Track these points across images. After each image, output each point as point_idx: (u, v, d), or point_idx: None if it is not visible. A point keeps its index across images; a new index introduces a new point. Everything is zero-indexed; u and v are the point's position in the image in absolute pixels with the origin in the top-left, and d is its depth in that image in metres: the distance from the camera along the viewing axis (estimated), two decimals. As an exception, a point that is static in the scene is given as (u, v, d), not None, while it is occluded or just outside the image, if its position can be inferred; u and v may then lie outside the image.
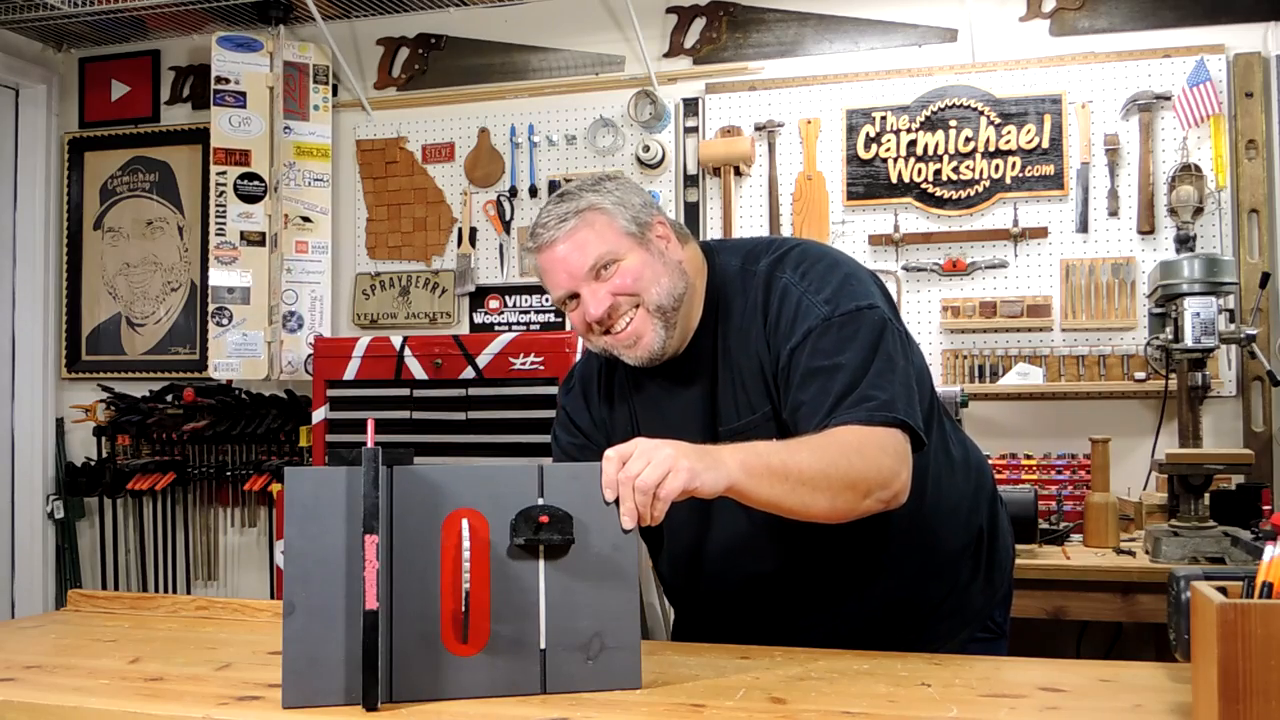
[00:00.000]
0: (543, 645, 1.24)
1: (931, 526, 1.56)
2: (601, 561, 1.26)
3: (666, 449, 1.24)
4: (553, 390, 3.16)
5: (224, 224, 3.93)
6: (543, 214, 1.52)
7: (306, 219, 3.89)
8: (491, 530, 1.25)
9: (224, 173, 3.92)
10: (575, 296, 1.51)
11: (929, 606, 1.60)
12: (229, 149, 3.90)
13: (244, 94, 3.92)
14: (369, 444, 1.22)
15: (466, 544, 1.23)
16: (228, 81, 3.90)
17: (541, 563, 1.25)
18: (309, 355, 3.77)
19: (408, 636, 1.22)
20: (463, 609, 1.22)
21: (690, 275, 1.54)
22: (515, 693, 1.23)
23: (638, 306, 1.50)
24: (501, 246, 3.82)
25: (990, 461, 3.15)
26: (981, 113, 3.38)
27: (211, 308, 3.90)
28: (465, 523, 1.24)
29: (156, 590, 4.05)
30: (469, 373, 3.25)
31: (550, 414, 1.78)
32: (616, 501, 1.25)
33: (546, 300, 3.76)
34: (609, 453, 1.26)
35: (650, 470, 1.22)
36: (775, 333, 1.48)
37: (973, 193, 3.39)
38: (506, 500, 1.26)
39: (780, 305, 1.49)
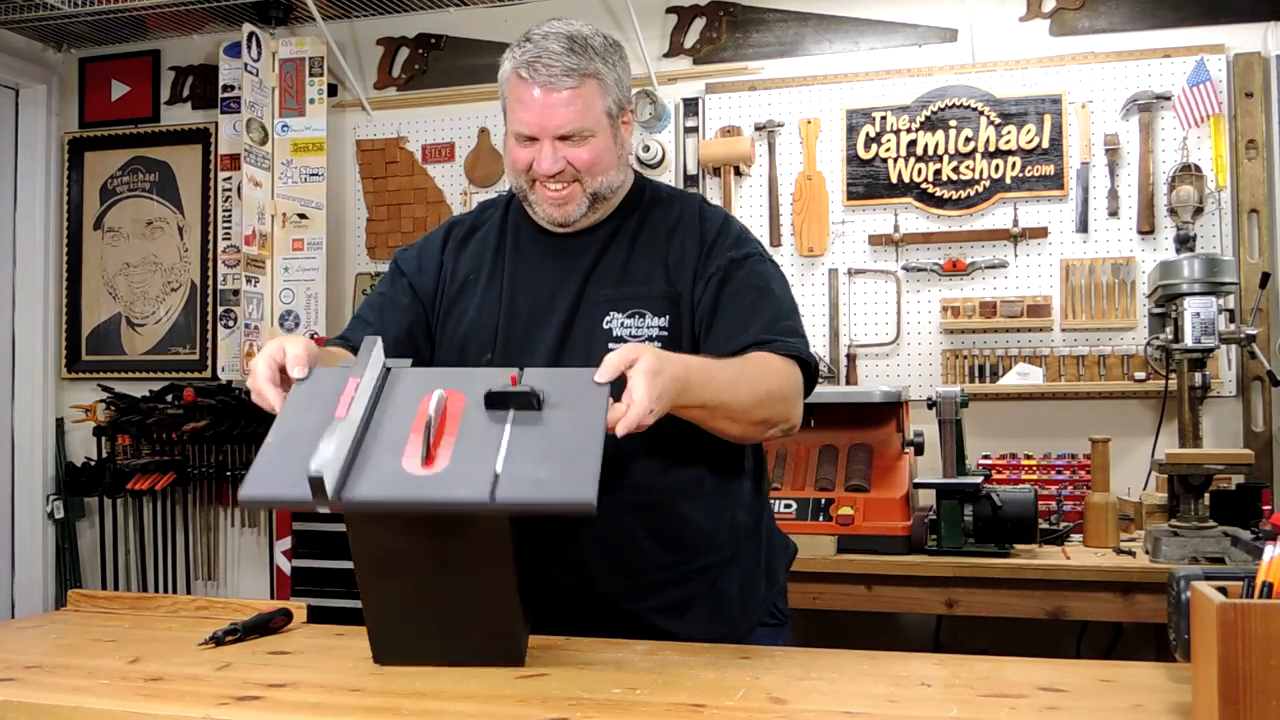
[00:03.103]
0: (498, 470, 1.22)
1: (728, 486, 1.64)
2: (567, 423, 1.26)
3: (670, 370, 1.30)
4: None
5: (230, 228, 3.94)
6: (549, 43, 1.53)
7: (303, 215, 3.89)
8: (467, 405, 1.29)
9: (229, 177, 3.92)
10: (533, 140, 1.55)
11: (717, 573, 1.63)
12: (233, 154, 3.91)
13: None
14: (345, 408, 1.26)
15: (439, 395, 1.27)
16: (232, 88, 3.90)
17: (510, 417, 1.27)
18: (307, 354, 3.76)
19: (372, 450, 1.24)
20: (426, 438, 1.23)
21: (629, 167, 1.67)
22: (462, 506, 1.20)
23: (577, 181, 1.57)
24: (501, 246, 3.82)
25: (990, 462, 3.18)
26: (981, 113, 3.38)
27: (219, 310, 3.90)
28: (441, 391, 1.29)
29: (156, 590, 4.05)
30: (469, 372, 3.24)
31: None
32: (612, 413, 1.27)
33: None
34: (627, 351, 1.29)
35: (654, 398, 1.27)
36: (716, 242, 1.62)
37: (973, 193, 3.39)
38: (485, 387, 1.29)
39: (723, 226, 1.65)
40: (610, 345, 1.55)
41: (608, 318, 1.58)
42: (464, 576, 1.30)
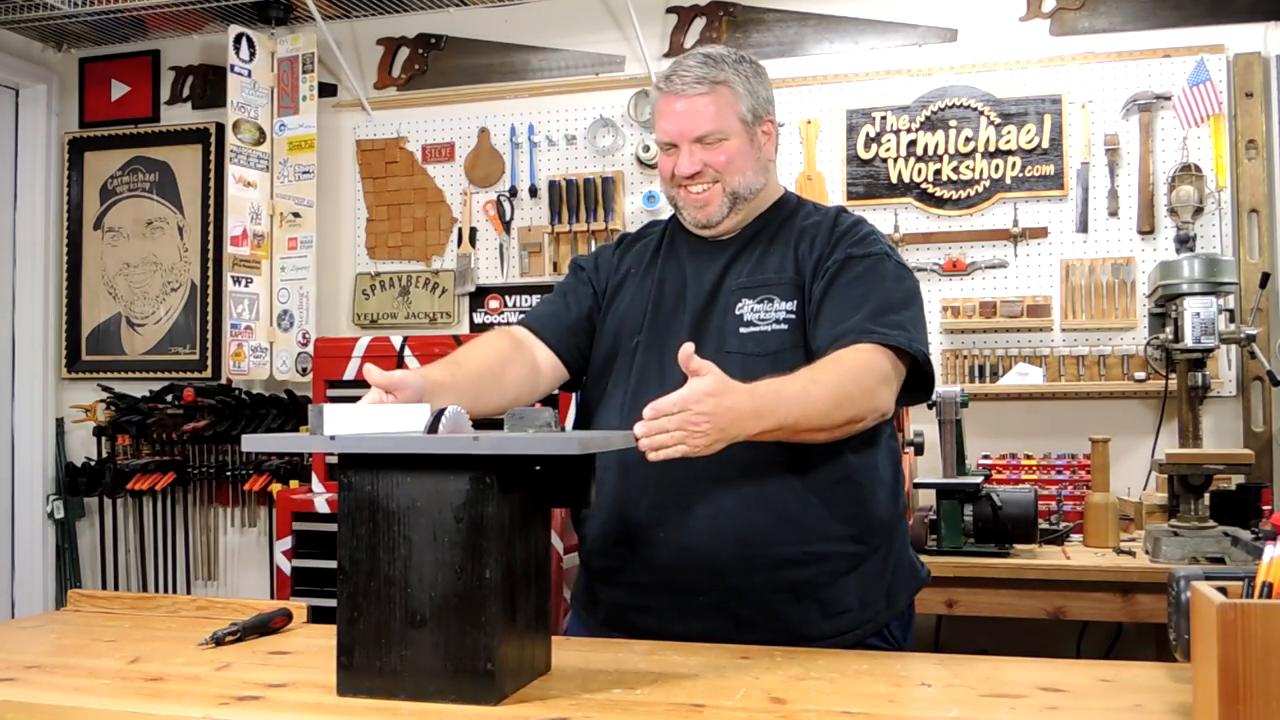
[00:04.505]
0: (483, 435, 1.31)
1: (859, 480, 1.65)
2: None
3: (718, 420, 1.33)
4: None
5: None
6: (687, 59, 1.69)
7: (296, 214, 3.89)
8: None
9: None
10: (674, 146, 1.69)
11: (835, 572, 1.63)
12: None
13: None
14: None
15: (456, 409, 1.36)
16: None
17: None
18: (300, 353, 3.76)
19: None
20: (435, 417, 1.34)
21: (771, 175, 1.77)
22: (447, 451, 1.25)
23: (717, 182, 1.69)
24: (501, 246, 3.82)
25: (990, 462, 3.18)
26: (981, 113, 3.38)
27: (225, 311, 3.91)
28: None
29: (156, 590, 4.05)
30: (469, 372, 3.24)
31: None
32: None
33: (546, 300, 3.76)
34: (684, 396, 1.32)
35: (692, 437, 1.32)
36: (842, 237, 1.69)
37: (973, 193, 3.39)
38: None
39: (855, 225, 1.72)
40: (741, 330, 1.65)
41: (739, 304, 1.68)
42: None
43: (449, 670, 1.21)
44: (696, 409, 1.31)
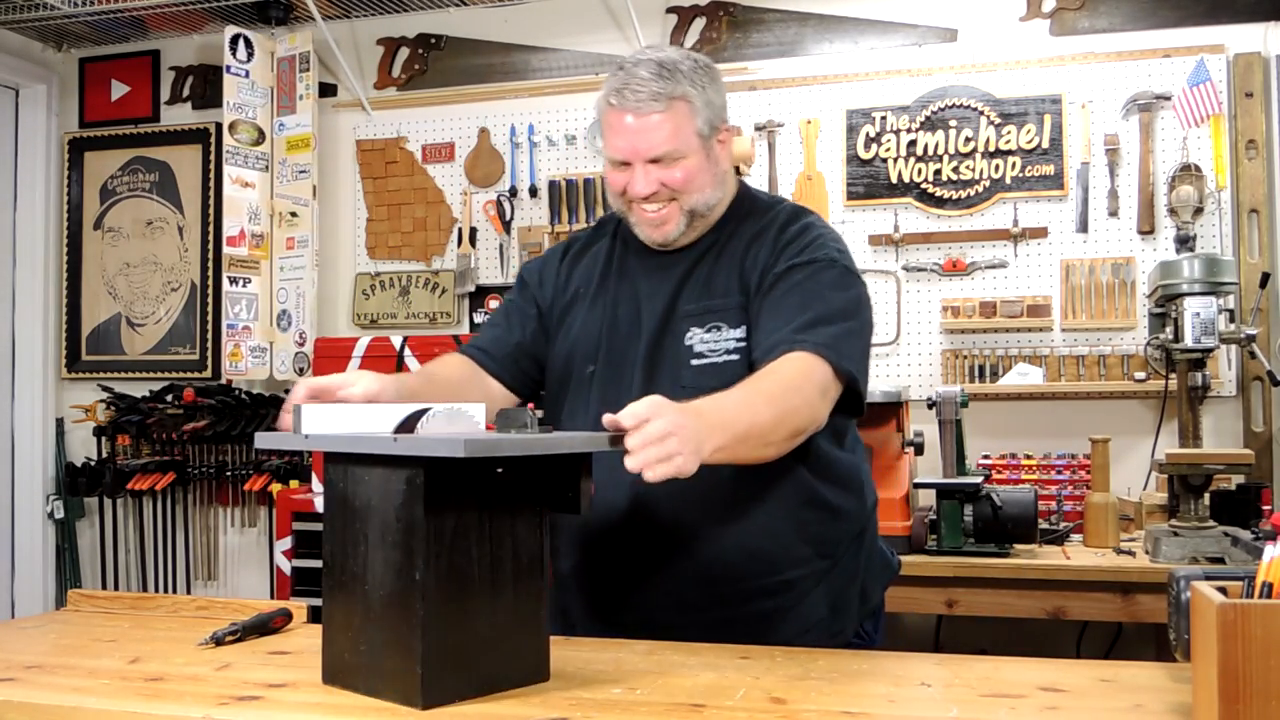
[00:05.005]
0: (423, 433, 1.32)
1: (825, 499, 1.62)
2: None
3: (681, 436, 1.22)
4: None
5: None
6: (639, 69, 1.56)
7: (294, 214, 3.89)
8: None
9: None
10: (627, 164, 1.59)
11: (809, 587, 1.62)
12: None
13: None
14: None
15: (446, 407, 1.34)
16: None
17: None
18: (297, 353, 3.76)
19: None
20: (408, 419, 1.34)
21: (728, 183, 1.68)
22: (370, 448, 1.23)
23: (674, 200, 1.60)
24: (501, 246, 3.82)
25: (990, 462, 3.18)
26: (981, 113, 3.38)
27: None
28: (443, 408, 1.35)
29: (156, 590, 4.05)
30: (469, 372, 3.24)
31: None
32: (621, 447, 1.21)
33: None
34: (632, 412, 1.22)
35: (668, 452, 1.21)
36: (785, 247, 1.60)
37: (973, 193, 3.39)
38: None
39: (801, 232, 1.62)
40: (692, 362, 1.58)
41: (689, 334, 1.60)
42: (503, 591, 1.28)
43: (389, 669, 1.22)
44: (665, 417, 1.21)
